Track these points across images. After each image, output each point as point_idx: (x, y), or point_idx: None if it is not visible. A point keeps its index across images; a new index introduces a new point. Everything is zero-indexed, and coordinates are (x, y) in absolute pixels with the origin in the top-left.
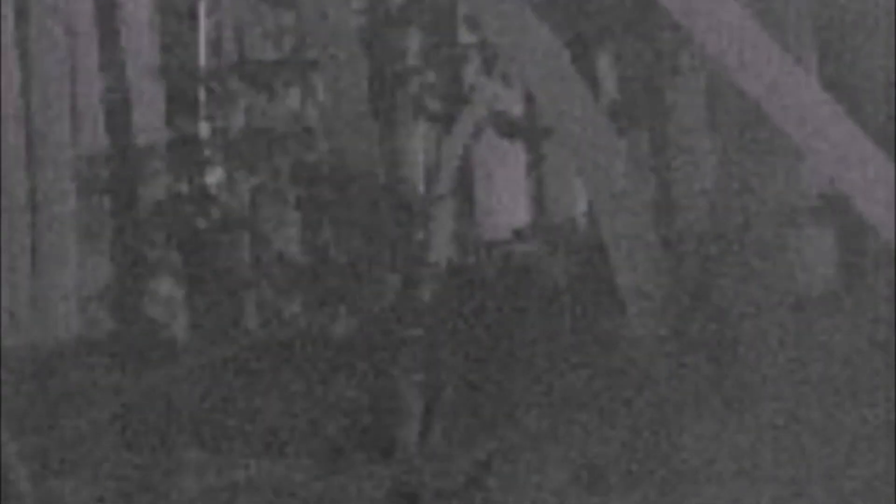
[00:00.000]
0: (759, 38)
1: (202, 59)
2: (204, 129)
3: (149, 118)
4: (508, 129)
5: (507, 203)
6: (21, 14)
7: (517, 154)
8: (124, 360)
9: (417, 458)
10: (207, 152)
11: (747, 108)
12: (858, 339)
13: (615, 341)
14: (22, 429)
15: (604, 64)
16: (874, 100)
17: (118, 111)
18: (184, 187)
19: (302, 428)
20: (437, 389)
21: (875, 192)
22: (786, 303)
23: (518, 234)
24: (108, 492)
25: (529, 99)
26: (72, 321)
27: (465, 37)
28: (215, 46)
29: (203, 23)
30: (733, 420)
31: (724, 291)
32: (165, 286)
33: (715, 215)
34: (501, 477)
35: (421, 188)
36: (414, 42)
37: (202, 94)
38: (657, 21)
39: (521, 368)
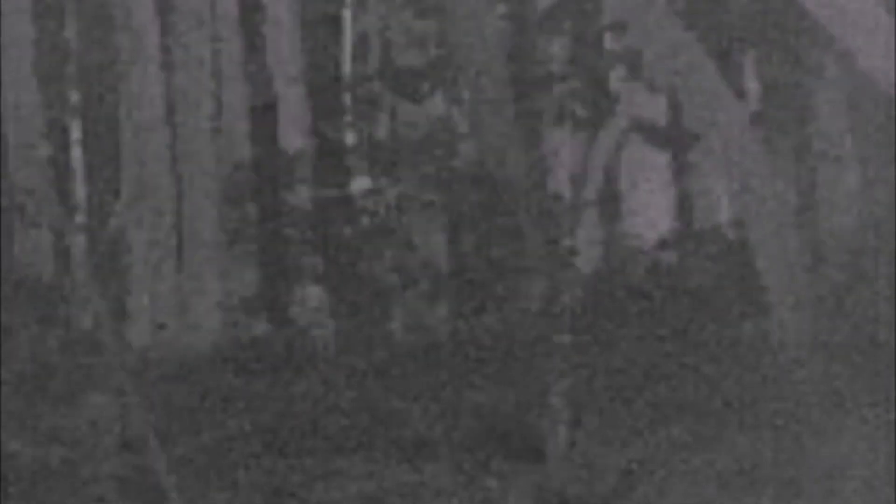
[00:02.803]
0: None
1: (347, 65)
2: (349, 136)
3: (294, 125)
4: (654, 135)
5: (652, 209)
6: (165, 22)
7: (662, 160)
8: (271, 367)
9: (565, 463)
10: (353, 159)
11: (891, 111)
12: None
13: (761, 346)
14: (170, 436)
15: (748, 69)
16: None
17: (263, 118)
18: (329, 194)
19: (449, 433)
20: (584, 395)
21: None
22: None
23: (663, 241)
24: (256, 500)
25: (674, 105)
26: (218, 329)
27: (611, 43)
28: (360, 53)
29: (348, 30)
30: (883, 424)
31: (870, 294)
32: (311, 293)
33: (859, 219)
34: (648, 483)
35: (567, 195)
36: (559, 48)
37: (347, 101)
38: (801, 26)
39: (666, 373)
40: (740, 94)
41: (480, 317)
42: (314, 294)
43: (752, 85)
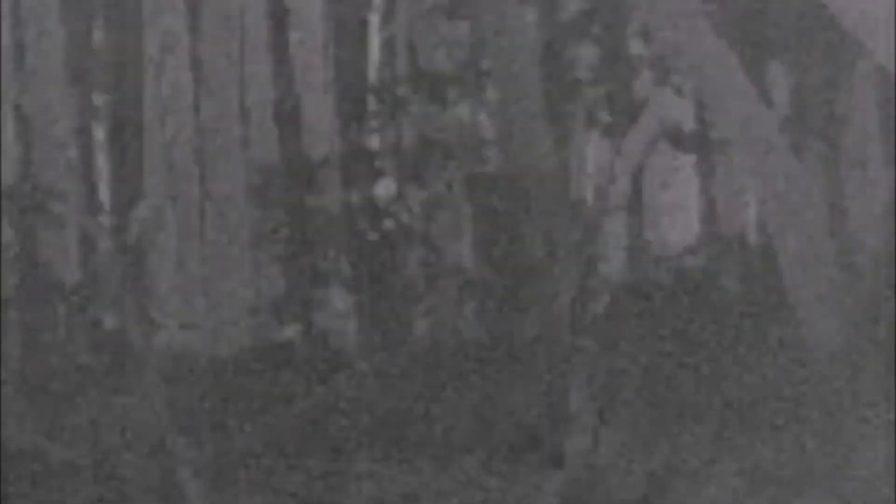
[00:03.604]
0: None
1: (374, 69)
2: (376, 140)
3: (320, 129)
4: (680, 141)
5: (678, 215)
6: (193, 25)
7: (689, 166)
8: (297, 370)
9: (588, 467)
10: (379, 163)
11: None
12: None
13: (787, 352)
14: (195, 438)
15: (776, 74)
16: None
17: (290, 122)
18: (356, 198)
19: (473, 436)
20: (609, 399)
21: None
22: None
23: (689, 247)
24: (281, 501)
25: (701, 111)
26: (245, 330)
27: (638, 49)
28: (387, 57)
29: (375, 33)
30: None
31: None
32: (337, 296)
33: (887, 226)
34: (674, 487)
35: (593, 200)
36: (587, 54)
37: (374, 105)
38: (830, 32)
39: (692, 379)
40: (769, 99)
41: (506, 320)
42: (340, 297)
43: (781, 90)
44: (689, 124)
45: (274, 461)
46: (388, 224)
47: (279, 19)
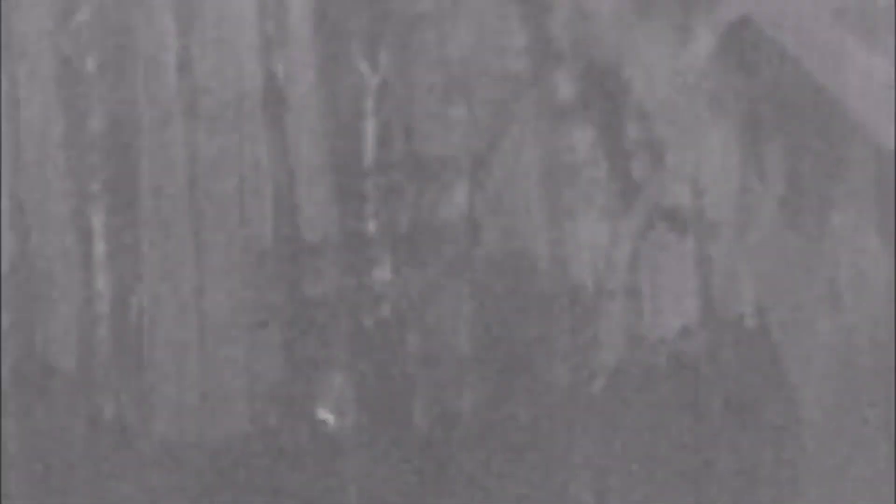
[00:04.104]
0: None
1: (369, 152)
2: (371, 224)
3: (315, 213)
4: (677, 223)
5: (675, 299)
6: (188, 109)
7: (686, 249)
8: (292, 457)
9: None
10: (375, 248)
11: None
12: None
13: (786, 437)
14: None
15: (773, 156)
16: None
17: (284, 205)
18: (351, 283)
19: None
20: (608, 480)
21: None
22: None
23: (687, 331)
24: None
25: (698, 192)
26: (240, 417)
27: (635, 131)
28: (383, 140)
29: (370, 116)
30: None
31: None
32: (334, 383)
33: (884, 307)
34: None
35: (591, 283)
36: (583, 135)
37: (370, 189)
38: (828, 112)
39: (692, 465)
40: (765, 180)
41: (504, 404)
42: (337, 384)
43: (778, 170)
44: (686, 206)
45: None
46: (386, 308)
47: (274, 103)
